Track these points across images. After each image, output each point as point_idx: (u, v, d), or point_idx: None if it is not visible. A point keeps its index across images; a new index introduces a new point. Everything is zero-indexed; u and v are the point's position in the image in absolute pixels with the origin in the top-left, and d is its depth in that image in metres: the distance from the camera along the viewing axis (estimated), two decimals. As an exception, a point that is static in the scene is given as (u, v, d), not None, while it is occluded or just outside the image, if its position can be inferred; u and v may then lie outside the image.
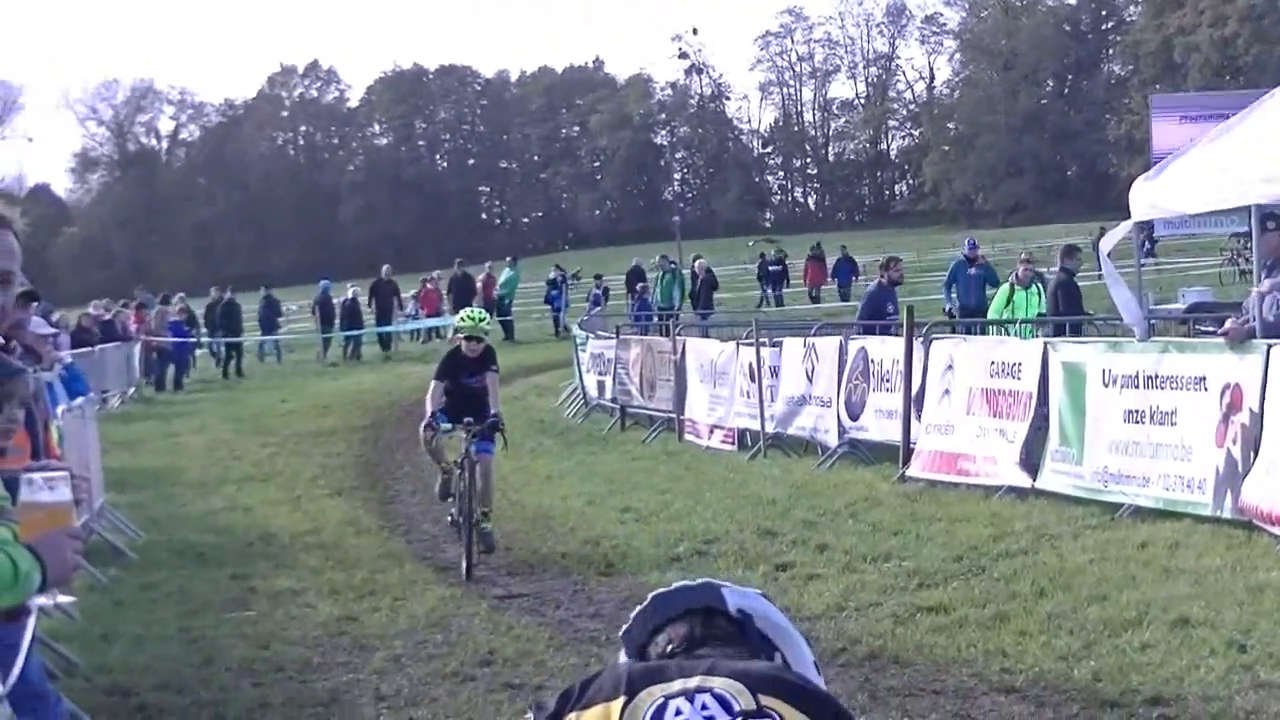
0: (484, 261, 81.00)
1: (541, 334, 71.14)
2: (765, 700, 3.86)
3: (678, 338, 35.94)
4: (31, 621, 7.63)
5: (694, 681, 3.90)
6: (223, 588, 19.52)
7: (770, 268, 78.09)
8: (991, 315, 30.43)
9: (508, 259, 76.08)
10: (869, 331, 29.77)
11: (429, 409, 21.45)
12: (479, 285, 71.15)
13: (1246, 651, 13.72)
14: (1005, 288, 30.95)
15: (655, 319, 51.12)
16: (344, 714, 13.69)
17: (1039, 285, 31.42)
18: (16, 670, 7.97)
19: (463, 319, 21.88)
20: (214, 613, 17.89)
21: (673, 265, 67.63)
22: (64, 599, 7.85)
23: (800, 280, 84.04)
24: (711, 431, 31.37)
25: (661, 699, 3.87)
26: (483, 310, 24.03)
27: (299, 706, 13.84)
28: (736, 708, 3.84)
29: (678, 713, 3.83)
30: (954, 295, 38.94)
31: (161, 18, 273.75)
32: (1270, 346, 18.35)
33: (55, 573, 6.57)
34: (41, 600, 6.90)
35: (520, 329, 71.01)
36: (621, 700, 3.87)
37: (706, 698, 3.85)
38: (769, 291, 78.25)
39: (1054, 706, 13.07)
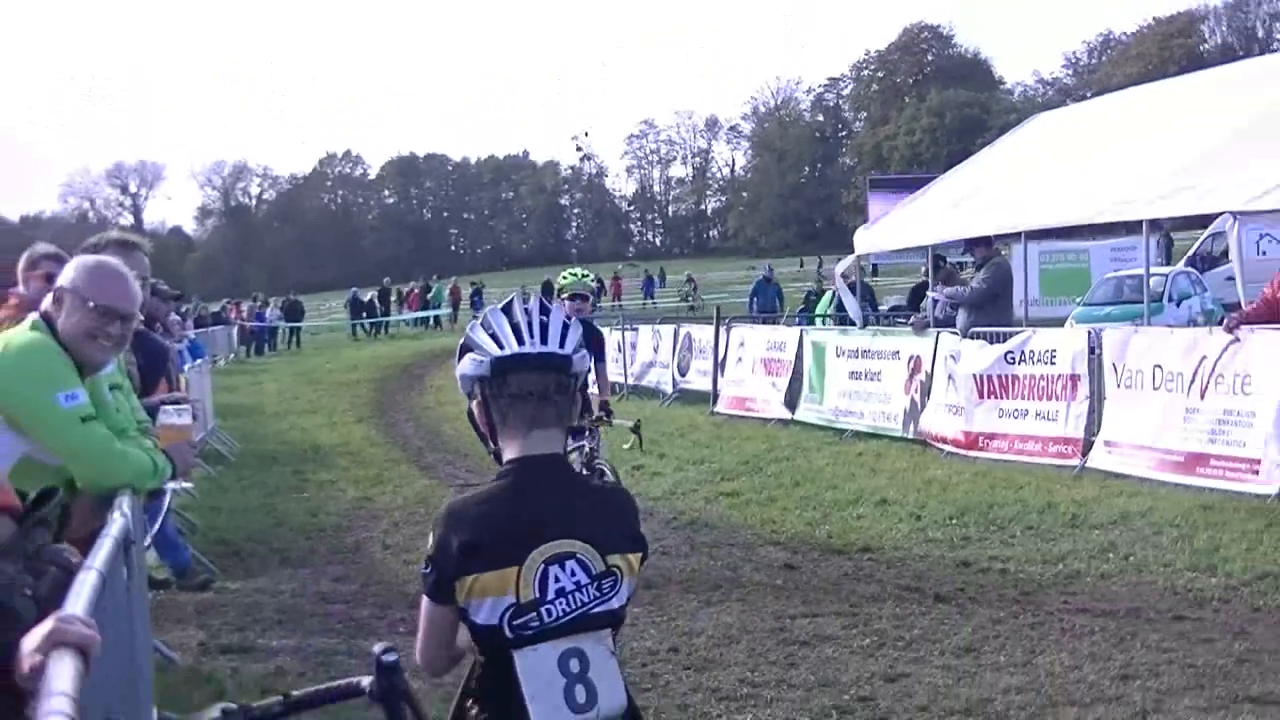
0: (452, 276, 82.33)
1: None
2: (610, 559, 3.72)
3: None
4: (167, 498, 8.11)
5: (560, 547, 3.66)
6: (287, 479, 19.08)
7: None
8: (819, 312, 27.78)
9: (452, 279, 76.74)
10: (691, 322, 29.27)
11: None
12: (447, 291, 74.35)
13: (920, 519, 14.01)
14: (829, 295, 28.90)
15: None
16: (364, 558, 13.17)
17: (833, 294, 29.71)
18: (156, 527, 8.55)
19: (565, 276, 13.26)
20: (282, 494, 17.62)
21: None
22: (186, 485, 7.63)
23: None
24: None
25: (542, 565, 3.63)
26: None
27: (334, 552, 13.46)
28: (594, 570, 3.68)
29: (556, 579, 3.63)
30: (756, 301, 38.10)
31: (255, 117, 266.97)
32: (939, 333, 18.81)
33: (181, 468, 6.60)
34: (172, 485, 6.98)
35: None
36: (515, 568, 3.61)
37: (572, 563, 3.66)
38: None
39: (804, 553, 12.98)
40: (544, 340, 3.77)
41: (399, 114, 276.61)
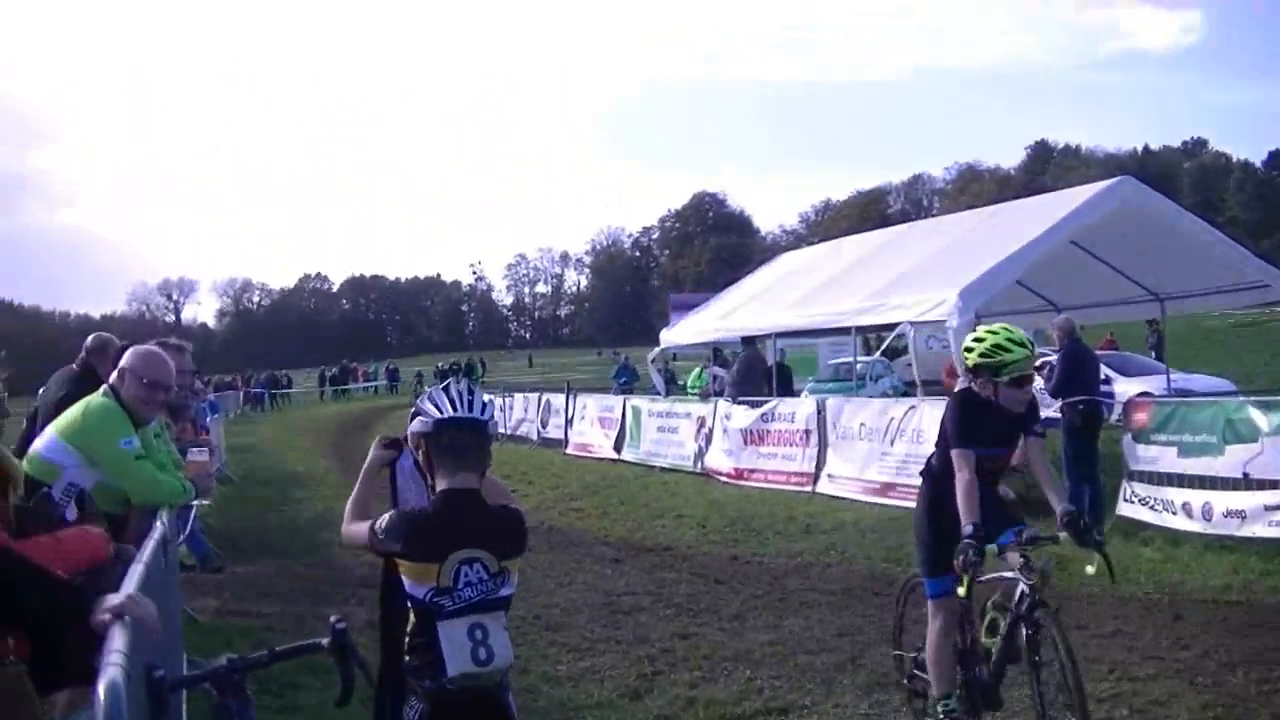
0: (386, 359, 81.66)
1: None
2: (504, 562, 3.78)
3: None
4: (193, 510, 7.86)
5: (469, 553, 3.72)
6: (275, 495, 18.86)
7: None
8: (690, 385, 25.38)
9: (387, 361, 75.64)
10: (550, 391, 28.88)
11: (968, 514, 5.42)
12: (382, 369, 73.93)
13: (705, 528, 14.11)
14: (697, 370, 27.84)
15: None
16: (326, 552, 12.53)
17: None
18: (186, 530, 8.41)
19: (1003, 345, 5.56)
20: (272, 506, 17.39)
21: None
22: (205, 501, 7.57)
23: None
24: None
25: (457, 564, 3.70)
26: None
27: (307, 548, 13.10)
28: (491, 570, 3.74)
29: (465, 575, 3.70)
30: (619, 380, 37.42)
31: (259, 243, 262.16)
32: (717, 401, 18.80)
33: (202, 490, 6.72)
34: (196, 501, 7.18)
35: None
36: (437, 564, 3.69)
37: (478, 565, 3.72)
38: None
39: (626, 550, 13.08)
40: (469, 409, 3.88)
41: (354, 243, 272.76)
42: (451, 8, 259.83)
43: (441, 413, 3.89)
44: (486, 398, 4.06)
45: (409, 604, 3.78)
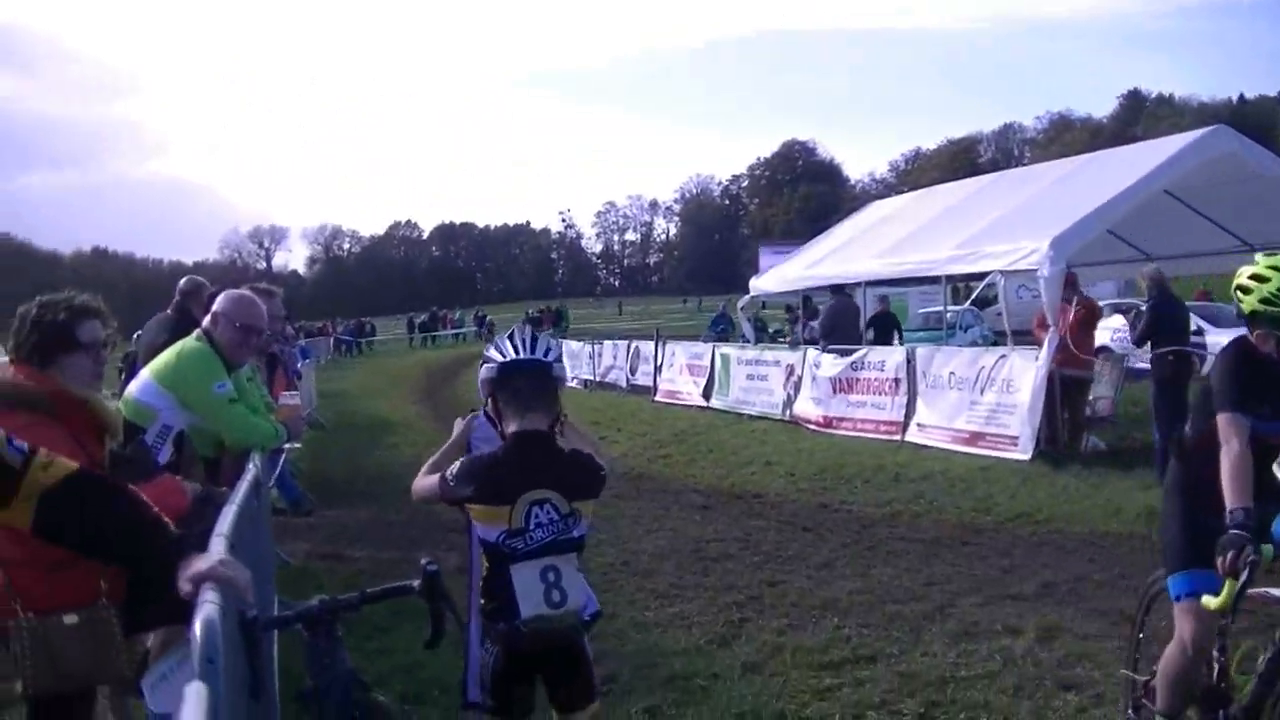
0: (475, 307, 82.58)
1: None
2: (574, 504, 3.81)
3: (559, 339, 35.37)
4: (284, 453, 7.82)
5: (540, 494, 3.76)
6: (366, 441, 18.95)
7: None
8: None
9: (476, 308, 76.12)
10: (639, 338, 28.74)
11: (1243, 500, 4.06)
12: (470, 317, 74.18)
13: (794, 476, 13.99)
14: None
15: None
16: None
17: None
18: (277, 472, 8.33)
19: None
20: (361, 451, 17.52)
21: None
22: (297, 445, 7.74)
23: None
24: (571, 379, 28.56)
25: (527, 505, 3.74)
26: None
27: (396, 492, 12.46)
28: (562, 511, 3.77)
29: (536, 516, 3.75)
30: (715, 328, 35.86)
31: (349, 188, 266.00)
32: (805, 349, 18.82)
33: (294, 433, 6.71)
34: (288, 445, 6.84)
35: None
36: (508, 507, 3.74)
37: (549, 505, 3.76)
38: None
39: (714, 497, 13.03)
40: (532, 352, 3.93)
41: (444, 190, 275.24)
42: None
43: (505, 357, 3.93)
44: (552, 341, 4.10)
45: (482, 549, 3.85)
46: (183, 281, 8.04)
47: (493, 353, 3.98)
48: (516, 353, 3.92)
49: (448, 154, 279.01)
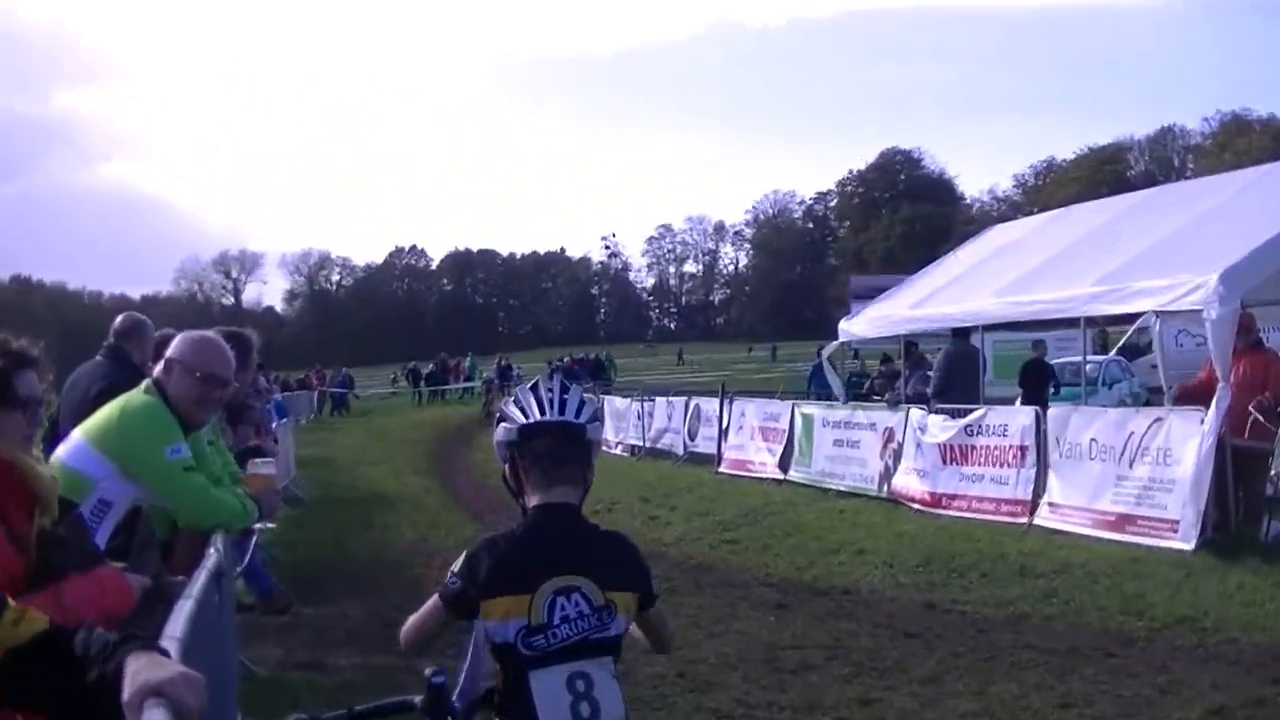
0: (496, 353, 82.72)
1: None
2: (609, 594, 3.79)
3: (600, 395, 35.49)
4: (254, 535, 7.86)
5: (567, 581, 3.75)
6: (357, 520, 18.96)
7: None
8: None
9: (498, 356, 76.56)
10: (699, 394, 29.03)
11: None
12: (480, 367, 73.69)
13: (893, 567, 13.96)
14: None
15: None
16: (421, 590, 11.69)
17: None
18: (245, 560, 8.40)
19: None
20: (352, 533, 17.58)
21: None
22: (270, 524, 7.77)
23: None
24: (616, 445, 30.33)
25: (551, 594, 3.73)
26: None
27: (396, 584, 13.23)
28: (595, 603, 3.75)
29: (563, 608, 3.72)
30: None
31: (337, 210, 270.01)
32: (908, 409, 18.96)
33: (266, 511, 6.66)
34: (259, 525, 6.83)
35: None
36: (529, 596, 3.71)
37: (577, 595, 3.74)
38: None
39: (793, 593, 13.01)
40: (561, 411, 3.90)
41: (457, 214, 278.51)
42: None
43: (528, 417, 3.92)
44: (586, 396, 4.08)
45: (494, 655, 3.80)
46: (119, 320, 8.07)
47: (512, 409, 3.97)
48: (541, 410, 3.91)
49: (461, 167, 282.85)
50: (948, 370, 18.85)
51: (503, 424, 3.98)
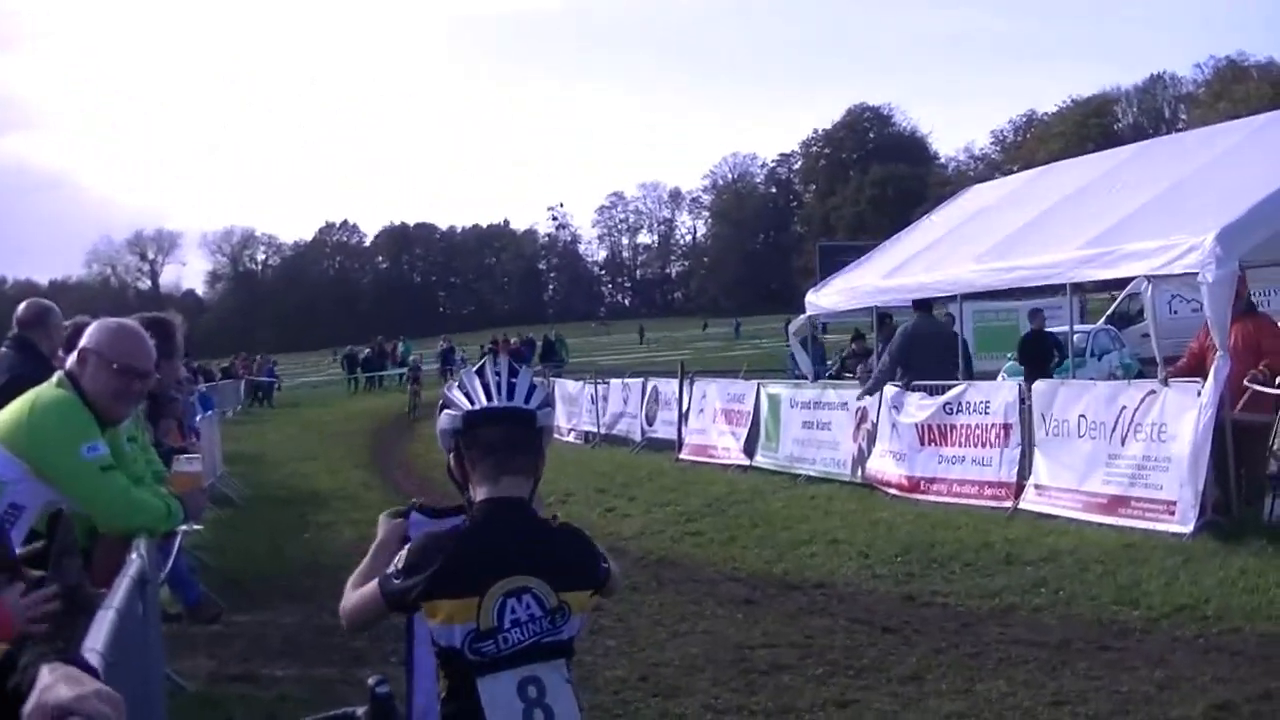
0: (438, 335, 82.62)
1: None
2: (563, 595, 3.77)
3: (551, 378, 35.58)
4: (179, 539, 7.99)
5: (517, 582, 3.72)
6: (290, 520, 19.04)
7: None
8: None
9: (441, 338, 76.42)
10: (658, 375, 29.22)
11: None
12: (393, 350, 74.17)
13: (869, 558, 14.02)
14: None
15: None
16: None
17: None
18: (169, 565, 8.43)
19: None
20: (286, 535, 17.56)
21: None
22: (197, 527, 7.68)
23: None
24: (569, 432, 30.74)
25: (501, 597, 3.70)
26: None
27: (334, 588, 13.30)
28: (548, 605, 3.74)
29: (513, 610, 3.70)
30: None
31: (260, 184, 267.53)
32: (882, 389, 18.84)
33: (192, 512, 6.71)
34: (184, 527, 6.89)
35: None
36: (477, 598, 3.68)
37: (528, 597, 3.73)
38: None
39: (762, 589, 13.08)
40: (510, 397, 3.87)
41: (391, 185, 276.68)
42: None
43: (474, 403, 3.90)
44: (537, 380, 4.04)
45: (438, 659, 3.78)
46: (22, 307, 8.06)
47: (456, 394, 3.93)
48: (488, 396, 3.88)
49: (395, 134, 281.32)
50: (908, 346, 18.44)
51: (446, 411, 3.94)
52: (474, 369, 4.00)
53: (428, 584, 3.68)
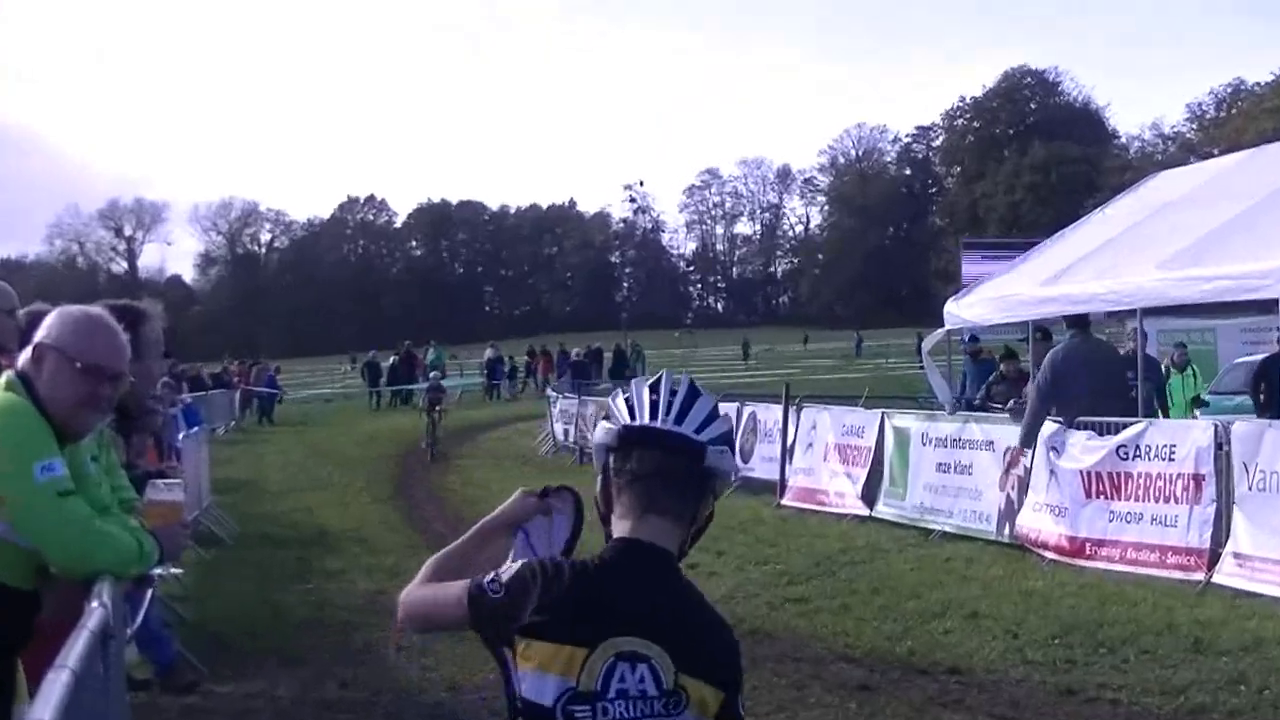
0: (485, 340, 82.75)
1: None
2: (683, 679, 3.68)
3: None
4: (153, 586, 7.98)
5: (637, 645, 3.66)
6: (290, 566, 19.30)
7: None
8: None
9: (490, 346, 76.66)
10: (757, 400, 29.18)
11: None
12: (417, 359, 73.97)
13: (1018, 637, 13.91)
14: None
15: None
16: (373, 662, 13.18)
17: (1193, 369, 27.76)
18: (139, 619, 8.29)
19: None
20: (284, 583, 17.81)
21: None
22: (175, 571, 7.77)
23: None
24: None
25: (613, 658, 3.65)
26: None
27: (341, 653, 13.48)
28: (665, 684, 3.66)
29: (622, 679, 3.65)
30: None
31: (267, 150, 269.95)
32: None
33: (170, 551, 6.59)
34: (159, 571, 6.97)
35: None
36: (585, 651, 3.64)
37: (644, 668, 3.66)
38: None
39: (882, 672, 13.00)
40: (679, 420, 3.82)
41: (430, 156, 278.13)
42: None
43: (634, 418, 3.88)
44: (719, 408, 3.97)
45: (521, 711, 3.72)
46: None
47: (619, 404, 3.94)
48: (653, 413, 3.85)
49: (435, 91, 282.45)
50: (1058, 371, 18.34)
51: (604, 422, 3.94)
52: (648, 380, 3.97)
53: (529, 614, 3.67)
